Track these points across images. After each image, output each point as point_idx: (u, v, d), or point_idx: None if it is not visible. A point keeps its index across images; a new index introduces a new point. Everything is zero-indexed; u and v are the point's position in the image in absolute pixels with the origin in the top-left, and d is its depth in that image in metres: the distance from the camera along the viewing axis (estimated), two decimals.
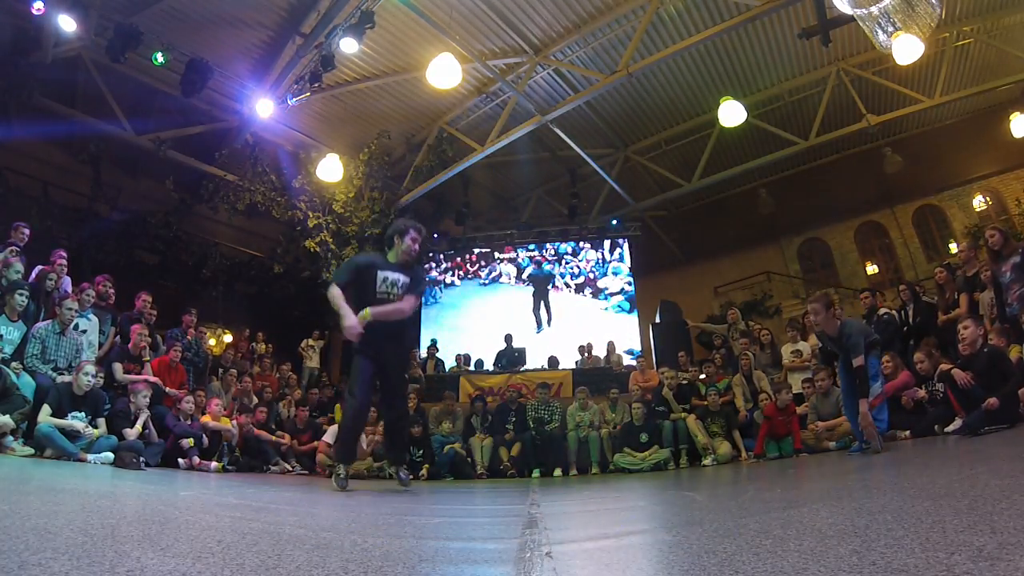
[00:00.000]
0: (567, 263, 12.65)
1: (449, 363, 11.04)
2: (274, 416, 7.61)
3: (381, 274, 3.90)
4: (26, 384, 4.85)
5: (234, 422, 6.61)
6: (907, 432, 5.18)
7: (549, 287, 12.39)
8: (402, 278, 3.96)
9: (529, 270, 12.65)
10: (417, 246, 4.09)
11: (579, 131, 10.75)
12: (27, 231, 6.09)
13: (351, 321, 3.66)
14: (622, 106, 10.77)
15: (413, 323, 4.19)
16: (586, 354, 10.59)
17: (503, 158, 11.40)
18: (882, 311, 6.89)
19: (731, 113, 9.25)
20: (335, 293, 3.80)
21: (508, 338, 10.96)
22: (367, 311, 3.72)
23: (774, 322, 11.57)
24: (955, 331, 5.21)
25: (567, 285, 12.52)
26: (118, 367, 5.94)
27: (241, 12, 8.10)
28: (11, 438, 4.37)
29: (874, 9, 5.48)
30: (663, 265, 14.36)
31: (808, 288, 12.81)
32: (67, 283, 6.16)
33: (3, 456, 4.18)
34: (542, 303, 12.23)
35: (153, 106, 9.51)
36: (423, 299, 12.78)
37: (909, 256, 12.93)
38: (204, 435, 5.96)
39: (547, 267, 12.58)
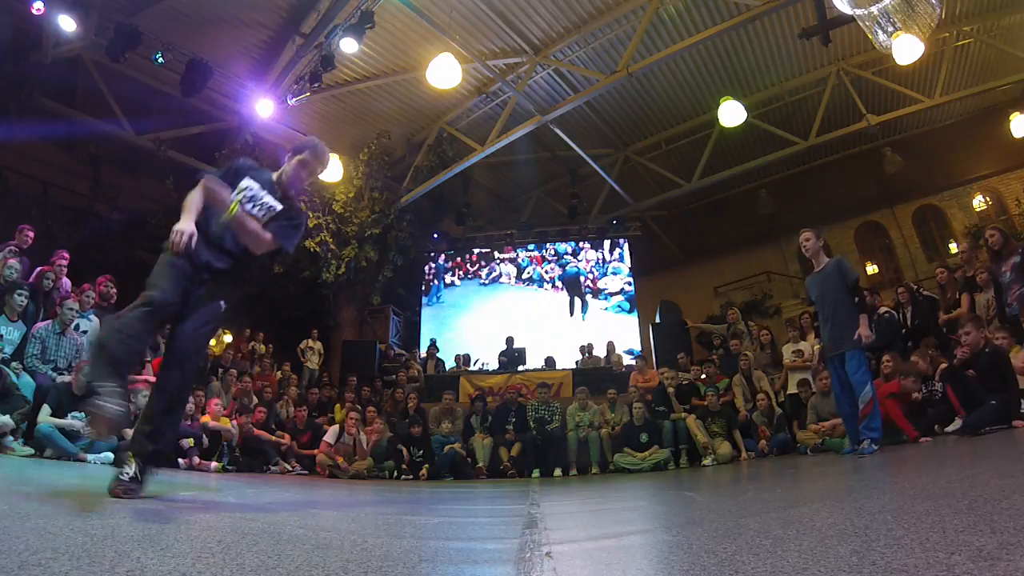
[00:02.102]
0: (567, 263, 12.66)
1: (449, 363, 11.04)
2: (274, 416, 7.61)
3: (246, 182, 2.78)
4: (26, 384, 4.85)
5: (234, 422, 6.61)
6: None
7: (581, 283, 12.46)
8: (270, 202, 2.82)
9: (534, 270, 12.67)
10: (304, 174, 2.90)
11: (579, 131, 10.75)
12: (31, 234, 6.09)
13: (184, 225, 2.47)
14: (622, 106, 10.77)
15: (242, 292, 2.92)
16: (586, 354, 10.60)
17: (503, 158, 11.39)
18: (883, 310, 6.88)
19: (731, 113, 9.25)
20: (194, 195, 2.59)
21: (510, 340, 10.96)
22: (236, 206, 2.58)
23: (774, 322, 11.57)
24: (956, 330, 5.22)
25: (588, 289, 12.51)
26: None
27: (241, 12, 8.10)
28: (11, 438, 4.37)
29: (874, 9, 5.48)
30: (663, 265, 14.36)
31: None
32: (67, 284, 6.16)
33: (3, 456, 4.18)
34: (577, 298, 12.29)
35: (153, 106, 9.51)
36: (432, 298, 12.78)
37: (909, 256, 12.93)
38: (204, 435, 5.97)
39: (571, 268, 12.57)
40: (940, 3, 5.97)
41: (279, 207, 2.85)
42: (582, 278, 12.48)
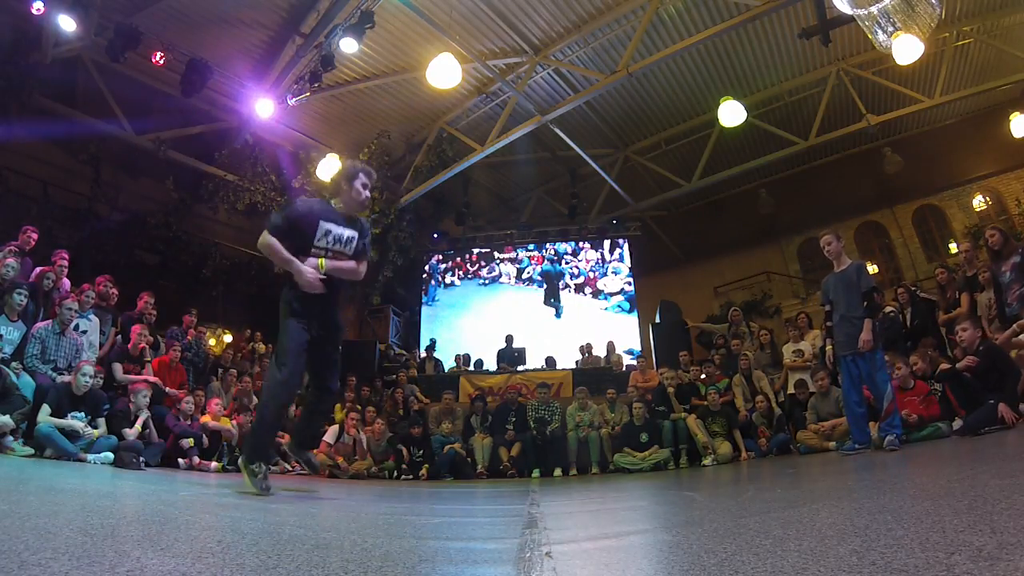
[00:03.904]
0: (567, 263, 12.67)
1: (449, 363, 11.04)
2: None
3: (324, 226, 3.14)
4: (26, 384, 4.85)
5: (234, 422, 6.61)
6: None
7: (559, 284, 12.58)
8: (349, 234, 3.24)
9: (534, 270, 12.71)
10: (368, 193, 3.32)
11: (579, 131, 10.75)
12: (35, 235, 6.09)
13: (311, 274, 3.00)
14: (622, 106, 10.77)
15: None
16: (586, 354, 10.59)
17: (503, 158, 11.40)
18: (888, 309, 6.89)
19: (731, 113, 9.25)
20: (272, 243, 3.03)
21: (509, 339, 10.96)
22: (322, 261, 3.10)
23: (774, 322, 11.57)
24: (955, 330, 5.22)
25: (566, 285, 12.55)
26: (118, 367, 5.94)
27: (241, 12, 8.11)
28: (11, 438, 4.37)
29: (874, 9, 5.48)
30: (663, 265, 14.36)
31: (808, 288, 12.83)
32: (67, 284, 6.16)
33: (3, 456, 4.18)
34: (552, 298, 12.42)
35: (153, 106, 9.51)
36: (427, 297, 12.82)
37: (909, 256, 12.93)
38: (204, 435, 5.97)
39: (558, 266, 12.69)
40: (940, 3, 5.97)
41: (354, 234, 3.27)
42: (566, 276, 12.56)
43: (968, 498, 1.63)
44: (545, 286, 12.59)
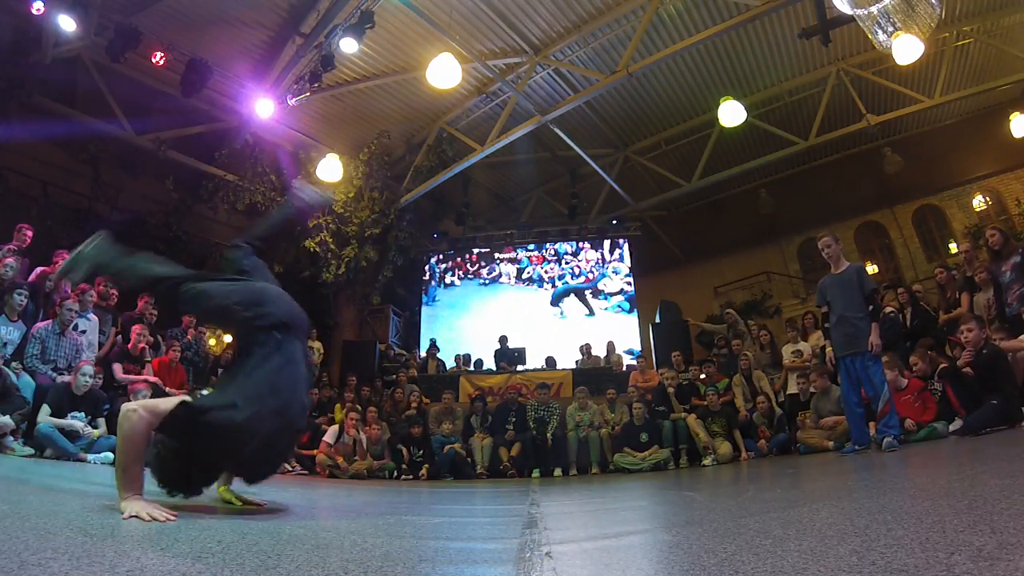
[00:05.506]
0: (567, 263, 12.67)
1: (449, 363, 11.04)
2: None
3: None
4: (26, 384, 4.85)
5: None
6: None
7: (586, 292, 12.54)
8: None
9: (533, 270, 12.70)
10: None
11: (579, 131, 10.74)
12: (30, 233, 6.10)
13: None
14: (622, 106, 10.76)
15: None
16: (586, 354, 10.59)
17: (503, 158, 11.39)
18: (888, 310, 6.90)
19: (731, 113, 9.24)
20: None
21: (503, 339, 10.96)
22: None
23: (774, 322, 11.57)
24: (955, 330, 5.22)
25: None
26: (117, 367, 5.94)
27: (241, 12, 8.10)
28: (11, 438, 4.37)
29: (874, 9, 5.48)
30: (663, 265, 14.35)
31: (808, 288, 12.83)
32: (67, 284, 6.16)
33: (3, 456, 4.18)
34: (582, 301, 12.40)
35: (153, 106, 9.51)
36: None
37: (909, 256, 12.94)
38: None
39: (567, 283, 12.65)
40: (940, 3, 5.97)
41: None
42: (582, 279, 12.50)
43: (968, 498, 1.63)
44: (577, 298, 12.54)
